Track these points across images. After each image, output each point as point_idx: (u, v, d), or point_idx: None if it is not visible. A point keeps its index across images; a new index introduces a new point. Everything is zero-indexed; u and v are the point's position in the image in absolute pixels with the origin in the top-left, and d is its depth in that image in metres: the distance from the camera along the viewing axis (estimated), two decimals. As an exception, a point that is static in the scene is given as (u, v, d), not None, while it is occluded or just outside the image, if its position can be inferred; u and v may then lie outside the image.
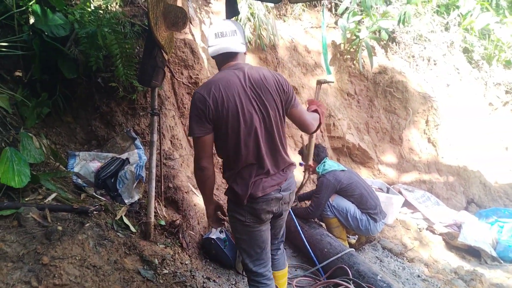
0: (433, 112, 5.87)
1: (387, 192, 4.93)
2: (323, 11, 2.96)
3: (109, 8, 4.20)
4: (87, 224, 2.56)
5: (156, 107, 2.91)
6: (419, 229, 4.85)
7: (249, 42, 5.16)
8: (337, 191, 3.61)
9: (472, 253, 4.69)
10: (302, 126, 2.10)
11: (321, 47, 5.84)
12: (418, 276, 3.59)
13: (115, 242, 2.60)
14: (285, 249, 3.71)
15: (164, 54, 2.92)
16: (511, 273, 4.19)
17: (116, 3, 4.34)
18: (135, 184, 3.29)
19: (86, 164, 3.47)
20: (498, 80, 6.85)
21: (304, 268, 3.32)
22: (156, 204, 3.33)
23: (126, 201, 3.26)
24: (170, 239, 3.09)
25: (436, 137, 5.89)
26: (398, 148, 5.82)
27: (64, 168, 3.18)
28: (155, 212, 3.23)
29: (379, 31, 5.92)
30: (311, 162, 2.71)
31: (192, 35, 4.81)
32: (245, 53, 2.14)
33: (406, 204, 5.09)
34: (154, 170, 2.94)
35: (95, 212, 2.67)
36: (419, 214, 5.02)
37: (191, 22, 4.79)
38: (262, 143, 1.97)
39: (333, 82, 3.17)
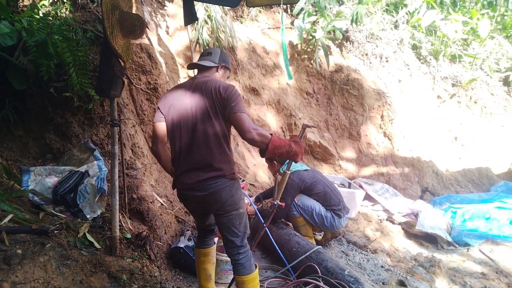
0: (387, 108, 6.14)
1: (349, 187, 5.11)
2: (282, 17, 3.00)
3: (59, 15, 4.02)
4: (48, 245, 2.45)
5: (116, 117, 2.83)
6: (380, 220, 5.07)
7: (207, 45, 5.13)
8: (301, 190, 3.69)
9: (429, 239, 4.97)
10: (240, 132, 2.16)
11: (280, 47, 5.93)
12: (382, 266, 3.76)
13: (80, 261, 2.51)
14: (253, 251, 3.76)
15: (122, 63, 2.84)
16: (465, 257, 4.49)
17: (66, 9, 4.16)
18: (97, 198, 3.19)
19: (42, 179, 3.31)
20: (445, 74, 7.28)
21: (274, 269, 3.37)
22: (121, 216, 3.24)
23: (88, 216, 3.15)
24: (137, 252, 3.02)
25: (391, 131, 6.17)
26: (356, 143, 6.04)
27: (19, 186, 3.02)
28: (120, 225, 3.15)
29: (334, 31, 6.09)
30: (279, 201, 2.74)
31: (149, 39, 4.71)
32: (217, 69, 2.45)
33: (367, 197, 5.30)
34: (117, 183, 2.87)
35: (55, 231, 2.56)
36: (379, 206, 5.24)
37: (147, 27, 4.69)
38: (184, 139, 2.25)
39: (315, 127, 3.18)
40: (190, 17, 3.15)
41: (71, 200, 3.19)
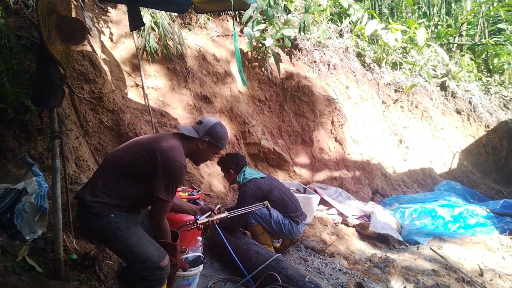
0: (337, 113, 6.31)
1: (304, 192, 5.15)
2: (233, 22, 2.97)
3: (-11, 19, 3.67)
4: (-20, 273, 2.18)
5: (57, 129, 2.60)
6: (335, 224, 5.15)
7: (155, 52, 4.97)
8: (258, 198, 3.63)
9: (382, 240, 5.12)
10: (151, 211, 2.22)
11: (230, 55, 5.89)
12: (340, 269, 3.79)
13: (19, 287, 2.25)
14: (212, 263, 3.63)
15: (62, 70, 2.63)
16: (416, 254, 4.68)
17: (-3, 14, 3.82)
18: (37, 217, 2.90)
19: (-28, 200, 2.96)
20: (387, 80, 7.66)
21: (234, 281, 3.27)
22: (65, 236, 2.98)
23: (27, 237, 2.86)
24: (85, 273, 2.78)
25: (341, 136, 6.34)
26: (309, 149, 6.13)
27: None
28: (64, 246, 2.89)
29: (283, 39, 6.18)
30: (200, 224, 2.68)
31: (91, 46, 4.46)
32: (199, 143, 2.33)
33: (322, 201, 5.37)
34: (59, 200, 2.62)
35: (-12, 257, 2.28)
36: (333, 209, 5.33)
37: (89, 33, 4.43)
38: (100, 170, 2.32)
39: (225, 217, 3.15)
40: (136, 23, 3.01)
41: (7, 221, 2.87)
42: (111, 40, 4.91)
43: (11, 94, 3.12)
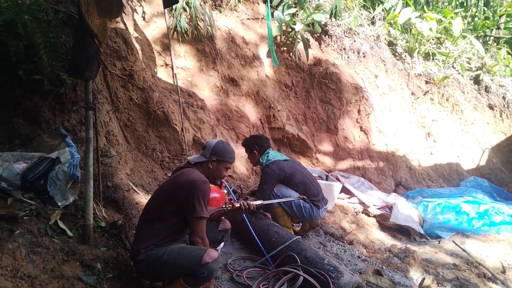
0: (364, 102, 6.21)
1: (326, 179, 5.14)
2: (267, 3, 2.94)
3: (28, -7, 3.80)
4: (18, 231, 2.32)
5: (91, 100, 2.70)
6: (356, 212, 5.14)
7: (186, 33, 5.01)
8: (281, 180, 3.67)
9: (403, 232, 5.07)
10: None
11: (259, 38, 5.87)
12: (358, 257, 3.80)
13: (51, 248, 2.38)
14: (232, 241, 3.71)
15: (98, 43, 2.71)
16: (437, 248, 4.62)
17: (37, -12, 3.94)
18: (69, 185, 3.05)
19: (9, 165, 3.13)
20: (419, 71, 7.45)
21: (253, 259, 3.34)
22: (94, 205, 3.11)
23: (59, 203, 3.01)
24: (112, 241, 2.91)
25: (367, 126, 6.25)
26: (334, 137, 6.09)
27: (-17, 172, 2.84)
28: (93, 214, 3.02)
29: (313, 24, 6.10)
30: (236, 204, 2.80)
31: (124, 24, 4.55)
32: (209, 164, 2.57)
33: (343, 190, 5.35)
34: (91, 169, 2.74)
35: (25, 218, 2.42)
36: (355, 198, 5.31)
37: (123, 11, 4.52)
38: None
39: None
40: (169, 1, 3.05)
41: (41, 187, 3.03)
42: (144, 19, 4.99)
43: (48, 66, 3.23)
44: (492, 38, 9.84)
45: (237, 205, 2.73)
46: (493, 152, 7.93)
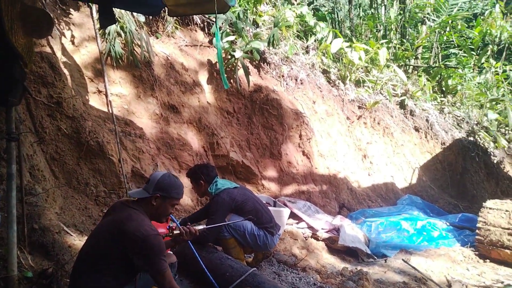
0: (304, 127, 6.32)
1: (274, 205, 5.03)
2: (216, 24, 2.85)
3: None
4: None
5: (14, 130, 2.32)
6: (305, 237, 5.07)
7: (121, 58, 4.73)
8: (232, 209, 3.47)
9: (351, 253, 5.11)
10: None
11: (198, 65, 5.76)
12: (314, 284, 3.68)
13: (-41, 313, 1.92)
14: (181, 280, 3.38)
15: (23, 66, 2.37)
16: (385, 267, 4.68)
17: None
18: (-16, 231, 2.56)
19: None
20: (351, 97, 7.85)
21: (205, 298, 3.05)
22: (19, 252, 2.64)
23: (-28, 254, 2.50)
24: (41, 293, 2.46)
25: (309, 150, 6.34)
26: (278, 162, 6.06)
27: None
28: (17, 262, 2.55)
29: (252, 52, 6.15)
30: (175, 228, 2.52)
31: (51, 48, 4.16)
32: (152, 200, 2.29)
33: (291, 215, 5.28)
34: (14, 211, 2.33)
35: None
36: (303, 223, 5.25)
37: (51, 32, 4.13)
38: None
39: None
40: (107, 20, 2.81)
41: None
42: (73, 43, 4.62)
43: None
44: (411, 67, 10.81)
45: (177, 231, 2.45)
46: (422, 170, 8.51)
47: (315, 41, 8.08)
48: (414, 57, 10.95)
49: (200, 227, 2.62)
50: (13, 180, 2.30)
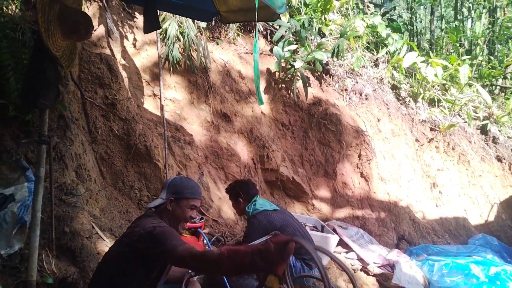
0: (365, 147, 5.82)
1: (322, 230, 4.64)
2: (255, 35, 2.61)
3: (5, 11, 3.51)
4: None
5: (46, 132, 2.29)
6: (354, 270, 4.59)
7: (178, 63, 4.71)
8: (269, 233, 3.17)
9: (406, 294, 4.51)
10: None
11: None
12: (356, 328, 3.24)
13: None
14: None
15: (60, 68, 2.34)
16: (445, 318, 4.04)
17: (16, 7, 3.66)
18: (15, 230, 2.57)
19: (-46, 202, 2.67)
20: (423, 117, 7.12)
21: (230, 329, 2.79)
22: (44, 255, 2.62)
23: (2, 252, 2.52)
24: (59, 303, 2.40)
25: (368, 172, 5.82)
26: (332, 182, 5.64)
27: None
28: (40, 267, 2.53)
29: (314, 62, 5.83)
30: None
31: (111, 50, 4.24)
32: (167, 205, 2.11)
33: (340, 242, 4.83)
34: (39, 214, 2.28)
35: None
36: (353, 253, 4.77)
37: (110, 36, 4.22)
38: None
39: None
40: (151, 25, 2.71)
41: (-17, 230, 2.56)
42: (134, 46, 4.70)
43: (15, 90, 2.88)
44: (498, 87, 9.63)
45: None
46: (502, 207, 7.43)
47: (386, 53, 7.50)
48: (502, 77, 9.73)
49: None
50: (40, 183, 2.26)
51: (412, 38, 9.76)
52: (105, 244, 3.17)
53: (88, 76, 3.97)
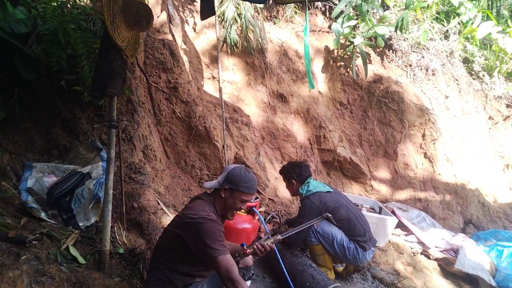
0: (430, 126, 5.51)
1: (380, 212, 4.55)
2: (306, 16, 2.57)
3: (78, 3, 3.79)
4: (24, 257, 2.16)
5: (115, 117, 2.51)
6: (413, 253, 4.48)
7: (235, 45, 4.78)
8: (322, 215, 3.21)
9: (469, 280, 4.33)
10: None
11: (314, 53, 5.47)
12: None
13: (56, 278, 2.19)
14: (264, 277, 3.33)
15: (125, 58, 2.52)
16: (512, 308, 3.83)
17: (87, -2, 3.94)
18: (91, 205, 2.89)
19: (40, 178, 3.06)
20: (499, 93, 6.52)
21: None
22: (116, 228, 2.93)
23: (80, 224, 2.85)
24: (129, 269, 2.68)
25: (433, 153, 5.52)
26: (392, 163, 5.45)
27: (8, 186, 2.76)
28: (113, 238, 2.83)
29: (375, 38, 5.56)
30: (247, 250, 2.25)
31: (173, 35, 4.42)
32: (221, 192, 2.22)
33: (400, 225, 4.71)
34: (110, 191, 2.54)
35: (34, 241, 2.25)
36: (413, 237, 4.64)
37: (171, 22, 4.40)
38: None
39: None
40: (207, 11, 2.79)
41: (65, 204, 2.90)
42: (194, 30, 4.85)
43: (89, 77, 3.14)
44: None
45: (249, 250, 2.29)
46: None
47: (458, 24, 6.88)
48: None
49: (274, 239, 2.40)
50: (111, 164, 2.50)
51: (490, 6, 8.79)
52: (169, 219, 3.43)
53: (153, 62, 4.20)
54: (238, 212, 2.41)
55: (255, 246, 2.26)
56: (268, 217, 3.74)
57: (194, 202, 2.22)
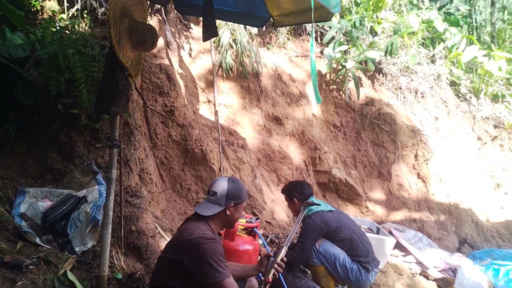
0: (422, 146, 5.60)
1: (377, 232, 4.54)
2: (312, 34, 2.66)
3: (77, 29, 3.85)
4: (20, 283, 2.08)
5: (117, 137, 2.50)
6: (412, 274, 4.44)
7: (231, 69, 4.86)
8: (324, 234, 3.20)
9: (469, 301, 4.28)
10: None
11: (307, 76, 5.59)
12: (416, 334, 3.16)
13: (54, 305, 2.11)
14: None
15: (129, 78, 2.54)
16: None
17: (86, 24, 4.01)
18: (88, 228, 2.82)
19: (34, 203, 2.99)
20: (486, 114, 6.71)
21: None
22: (114, 252, 2.85)
23: (77, 249, 2.78)
24: (128, 296, 2.60)
25: (426, 173, 5.60)
26: (386, 183, 5.50)
27: (2, 210, 2.69)
28: (111, 263, 2.75)
29: (366, 62, 5.73)
30: (270, 278, 2.22)
31: (169, 60, 4.48)
32: (226, 210, 2.18)
33: (397, 245, 4.69)
34: (110, 213, 2.49)
35: (31, 266, 2.18)
36: (411, 257, 4.61)
37: (168, 47, 4.47)
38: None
39: (319, 205, 3.01)
40: (209, 33, 2.85)
41: (61, 229, 2.83)
42: (190, 56, 4.93)
43: (86, 101, 3.15)
44: None
45: (271, 277, 2.22)
46: None
47: (443, 49, 7.15)
48: None
49: (282, 252, 2.36)
50: (112, 184, 2.47)
51: (471, 32, 9.19)
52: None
53: (149, 86, 4.23)
54: (238, 233, 2.39)
55: (275, 266, 2.22)
56: (267, 240, 3.70)
57: (186, 224, 2.17)
